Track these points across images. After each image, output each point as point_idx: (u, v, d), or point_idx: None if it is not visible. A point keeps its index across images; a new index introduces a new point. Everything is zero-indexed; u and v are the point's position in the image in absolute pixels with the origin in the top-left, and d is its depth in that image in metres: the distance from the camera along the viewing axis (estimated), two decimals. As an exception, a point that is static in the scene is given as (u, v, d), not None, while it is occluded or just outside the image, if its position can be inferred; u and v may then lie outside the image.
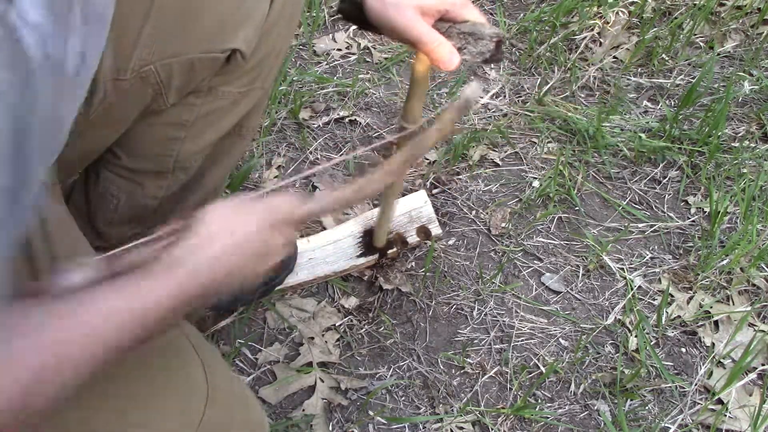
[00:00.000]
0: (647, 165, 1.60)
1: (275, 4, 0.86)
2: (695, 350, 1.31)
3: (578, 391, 1.24)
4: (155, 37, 0.79)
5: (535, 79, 1.76)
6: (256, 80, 0.92)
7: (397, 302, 1.32)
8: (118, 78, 0.79)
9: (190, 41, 0.81)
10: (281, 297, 1.29)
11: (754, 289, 1.40)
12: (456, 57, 0.83)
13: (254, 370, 1.21)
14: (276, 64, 0.95)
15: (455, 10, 0.85)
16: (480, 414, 1.18)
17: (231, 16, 0.82)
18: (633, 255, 1.44)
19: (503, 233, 1.44)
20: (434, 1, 0.83)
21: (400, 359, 1.25)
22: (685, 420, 1.21)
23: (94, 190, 0.99)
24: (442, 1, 0.84)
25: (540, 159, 1.59)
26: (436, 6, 0.84)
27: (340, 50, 1.78)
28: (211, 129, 0.94)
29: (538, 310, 1.34)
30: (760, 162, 1.61)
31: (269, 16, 0.86)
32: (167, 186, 0.98)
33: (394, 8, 0.82)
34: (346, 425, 1.16)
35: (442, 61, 0.82)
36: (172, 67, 0.82)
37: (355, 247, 1.32)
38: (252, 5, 0.84)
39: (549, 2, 1.95)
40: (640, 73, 1.82)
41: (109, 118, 0.83)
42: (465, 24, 0.85)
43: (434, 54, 0.82)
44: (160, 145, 0.93)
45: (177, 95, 0.86)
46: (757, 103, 1.76)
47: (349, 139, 1.58)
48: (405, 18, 0.81)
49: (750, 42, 1.92)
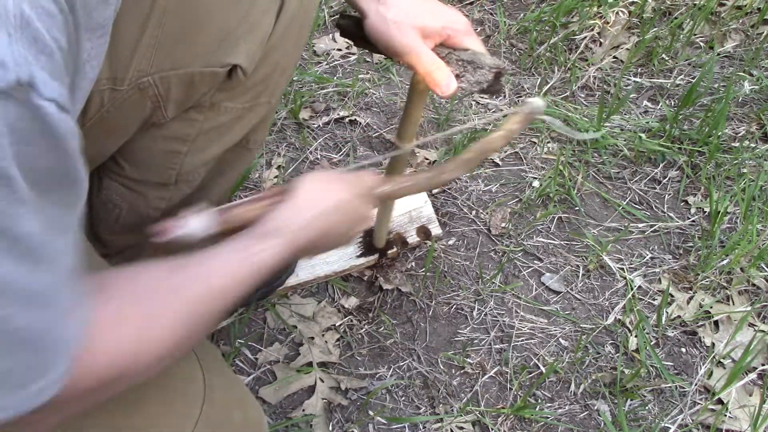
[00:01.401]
0: (647, 165, 1.60)
1: (281, 18, 0.83)
2: (695, 350, 1.31)
3: (578, 391, 1.24)
4: (154, 48, 0.76)
5: (535, 79, 1.76)
6: (261, 95, 0.89)
7: (397, 302, 1.32)
8: (115, 87, 0.77)
9: (189, 54, 0.79)
10: (281, 297, 1.29)
11: (754, 289, 1.40)
12: (453, 83, 0.82)
13: (254, 370, 1.21)
14: (283, 78, 0.92)
15: (457, 36, 0.84)
16: (480, 414, 1.19)
17: (233, 30, 0.79)
18: (633, 255, 1.44)
19: (503, 233, 1.44)
20: (437, 24, 0.83)
21: (400, 359, 1.25)
22: (685, 420, 1.21)
23: (96, 197, 0.98)
24: (445, 26, 0.84)
25: (540, 159, 1.59)
26: (438, 30, 0.83)
27: (340, 50, 1.78)
28: (214, 143, 0.92)
29: (538, 310, 1.34)
30: (760, 162, 1.61)
31: (274, 30, 0.83)
32: (170, 197, 0.96)
33: (396, 27, 0.81)
34: (346, 425, 1.16)
35: (439, 85, 0.82)
36: (170, 80, 0.79)
37: (355, 247, 1.32)
38: (256, 19, 0.81)
39: (549, 2, 1.95)
40: (640, 73, 1.82)
41: (106, 128, 0.81)
42: (465, 52, 0.84)
43: (431, 77, 0.82)
44: (162, 157, 0.91)
45: (176, 109, 0.84)
46: (757, 103, 1.76)
47: (349, 139, 1.58)
48: (406, 38, 0.81)
49: (750, 42, 1.92)
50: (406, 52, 0.81)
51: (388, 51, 0.84)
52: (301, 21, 0.88)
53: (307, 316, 1.28)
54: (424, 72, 0.82)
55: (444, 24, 0.84)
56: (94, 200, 0.99)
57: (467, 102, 1.69)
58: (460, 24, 0.85)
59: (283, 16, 0.84)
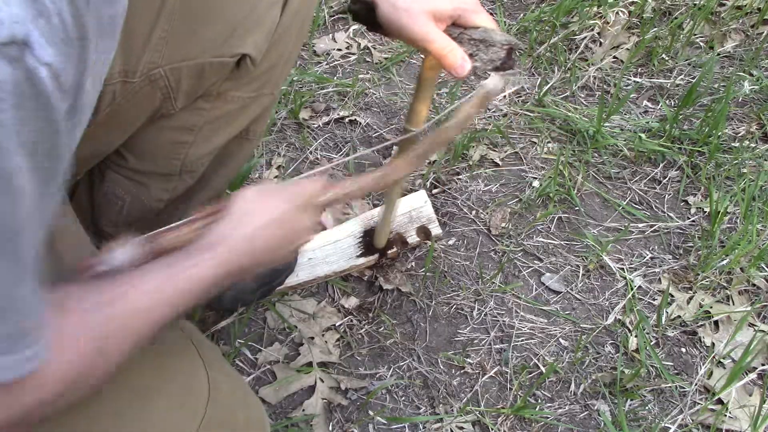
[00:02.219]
0: (647, 165, 1.60)
1: (287, 10, 0.86)
2: (695, 350, 1.31)
3: (578, 391, 1.24)
4: (165, 40, 0.78)
5: (535, 79, 1.76)
6: (265, 86, 0.92)
7: (397, 302, 1.32)
8: (127, 80, 0.79)
9: (200, 46, 0.81)
10: (281, 297, 1.29)
11: (754, 289, 1.40)
12: (468, 63, 0.83)
13: (254, 370, 1.21)
14: (285, 70, 0.95)
15: (467, 15, 0.85)
16: (480, 414, 1.19)
17: (242, 21, 0.82)
18: (633, 255, 1.44)
19: (503, 233, 1.44)
20: (447, 6, 0.83)
21: (400, 359, 1.25)
22: (685, 420, 1.21)
23: (98, 190, 0.99)
24: (455, 6, 0.84)
25: (540, 159, 1.59)
26: (448, 12, 0.84)
27: (340, 50, 1.78)
28: (219, 133, 0.94)
29: (538, 310, 1.34)
30: (760, 162, 1.61)
31: (280, 22, 0.86)
32: (173, 188, 0.98)
33: (407, 13, 0.82)
34: (346, 425, 1.16)
35: (454, 67, 0.82)
36: (181, 71, 0.81)
37: (355, 247, 1.32)
38: (263, 11, 0.84)
39: (549, 2, 1.95)
40: (640, 73, 1.82)
41: (116, 120, 0.83)
42: (476, 30, 0.84)
43: (446, 60, 0.82)
44: (168, 148, 0.93)
45: (186, 99, 0.86)
46: (757, 103, 1.76)
47: (349, 139, 1.58)
48: (417, 24, 0.81)
49: (750, 42, 1.92)
50: (419, 38, 0.82)
51: (401, 38, 0.84)
52: (303, 15, 0.90)
53: (307, 316, 1.28)
54: (439, 56, 0.82)
55: (454, 5, 0.84)
56: (96, 194, 1.00)
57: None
58: (469, 2, 0.85)
59: (288, 8, 0.86)
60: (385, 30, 0.84)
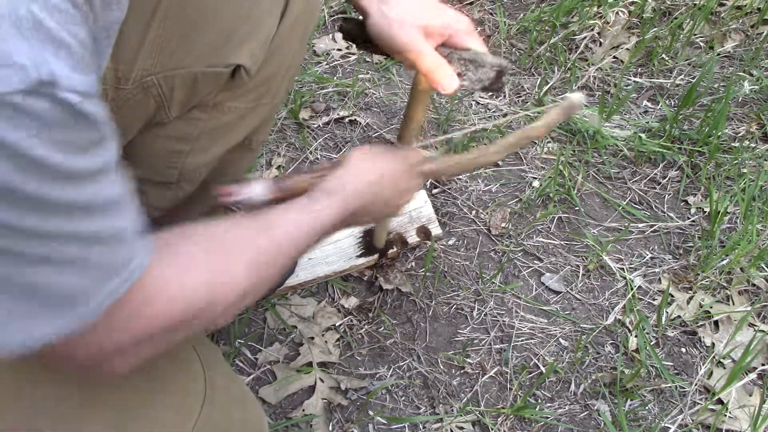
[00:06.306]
0: (647, 165, 1.60)
1: (285, 19, 0.83)
2: (695, 350, 1.31)
3: (578, 391, 1.24)
4: (158, 46, 0.77)
5: (535, 79, 1.76)
6: (264, 96, 0.89)
7: (397, 302, 1.32)
8: (120, 86, 0.78)
9: (193, 54, 0.78)
10: (281, 297, 1.29)
11: (754, 289, 1.40)
12: (455, 81, 0.83)
13: (254, 370, 1.21)
14: (286, 79, 0.92)
15: (459, 36, 0.85)
16: (480, 414, 1.19)
17: (237, 30, 0.79)
18: (633, 255, 1.44)
19: (503, 233, 1.44)
20: (439, 23, 0.83)
21: (400, 359, 1.25)
22: (685, 420, 1.21)
23: None
24: (448, 24, 0.84)
25: (540, 159, 1.59)
26: (440, 29, 0.83)
27: (340, 50, 1.78)
28: (217, 143, 0.91)
29: (538, 310, 1.34)
30: (760, 162, 1.61)
31: (278, 31, 0.83)
32: (171, 196, 0.97)
33: (398, 25, 0.81)
34: (346, 425, 1.16)
35: (441, 83, 0.82)
36: (174, 80, 0.79)
37: (355, 247, 1.32)
38: (259, 20, 0.80)
39: (549, 2, 1.95)
40: (640, 73, 1.82)
41: None
42: (467, 51, 0.84)
43: (433, 75, 0.82)
44: (164, 156, 0.91)
45: (180, 108, 0.83)
46: (757, 103, 1.76)
47: (349, 139, 1.58)
48: (408, 36, 0.81)
49: (750, 42, 1.92)
50: (409, 50, 0.81)
51: (390, 49, 0.84)
52: (305, 22, 0.87)
53: (307, 316, 1.28)
54: (427, 70, 0.82)
55: (446, 23, 0.84)
56: None
57: (467, 102, 1.69)
58: (462, 24, 0.85)
59: (287, 17, 0.83)
60: (375, 44, 0.84)
